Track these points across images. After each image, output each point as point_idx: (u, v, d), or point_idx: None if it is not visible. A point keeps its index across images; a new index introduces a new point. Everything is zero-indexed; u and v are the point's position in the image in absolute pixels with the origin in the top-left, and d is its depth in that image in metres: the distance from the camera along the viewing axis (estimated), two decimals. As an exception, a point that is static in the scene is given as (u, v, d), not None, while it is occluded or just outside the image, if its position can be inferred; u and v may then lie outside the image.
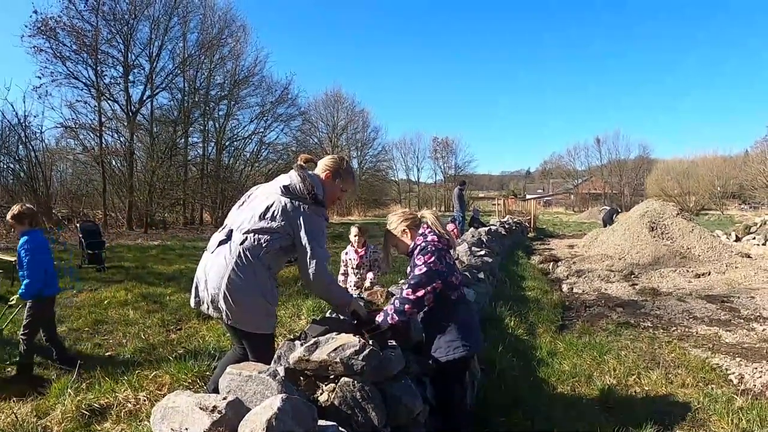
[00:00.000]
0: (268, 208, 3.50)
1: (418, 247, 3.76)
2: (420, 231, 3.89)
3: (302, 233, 3.46)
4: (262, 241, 3.44)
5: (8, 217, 5.67)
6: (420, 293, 3.57)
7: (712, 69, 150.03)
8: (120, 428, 4.23)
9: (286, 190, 3.56)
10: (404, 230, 3.94)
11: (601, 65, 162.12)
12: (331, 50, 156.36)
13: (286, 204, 3.50)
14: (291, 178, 3.63)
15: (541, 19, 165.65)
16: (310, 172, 3.74)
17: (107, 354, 6.31)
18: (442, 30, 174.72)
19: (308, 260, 3.44)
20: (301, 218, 3.47)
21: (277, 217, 3.47)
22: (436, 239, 3.76)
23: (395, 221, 4.00)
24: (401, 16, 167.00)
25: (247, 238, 3.44)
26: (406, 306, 3.59)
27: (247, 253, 3.41)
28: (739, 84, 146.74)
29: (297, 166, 3.73)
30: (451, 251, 3.96)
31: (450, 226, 15.10)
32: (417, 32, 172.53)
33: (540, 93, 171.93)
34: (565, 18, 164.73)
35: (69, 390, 4.78)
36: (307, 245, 3.44)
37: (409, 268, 3.84)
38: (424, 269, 3.60)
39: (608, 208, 30.96)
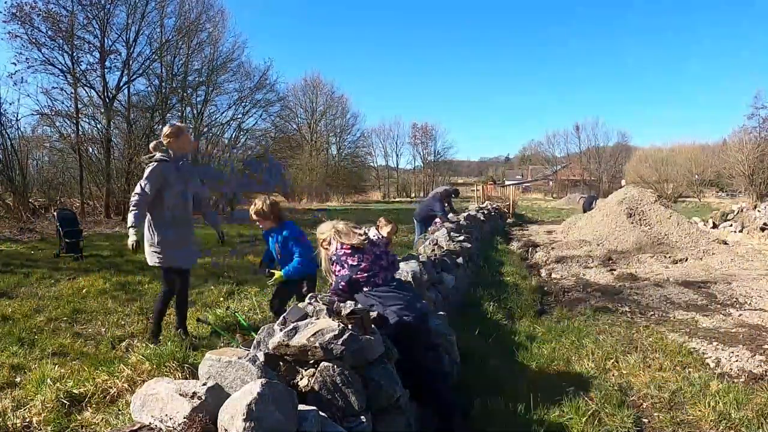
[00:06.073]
0: None
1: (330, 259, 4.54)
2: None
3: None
4: None
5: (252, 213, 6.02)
6: (340, 291, 4.27)
7: (689, 61, 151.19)
8: (100, 417, 4.19)
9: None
10: (326, 241, 4.60)
11: (584, 55, 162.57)
12: (309, 36, 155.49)
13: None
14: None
15: (521, 10, 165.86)
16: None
17: (86, 343, 6.26)
18: (421, 16, 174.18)
19: None
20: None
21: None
22: (338, 247, 4.43)
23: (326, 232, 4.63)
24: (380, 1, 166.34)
25: None
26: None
27: None
28: (715, 76, 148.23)
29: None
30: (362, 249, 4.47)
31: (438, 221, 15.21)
32: (396, 17, 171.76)
33: (521, 80, 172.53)
34: (548, 10, 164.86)
35: (48, 379, 4.74)
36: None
37: None
38: (337, 279, 4.34)
39: (587, 196, 31.14)
